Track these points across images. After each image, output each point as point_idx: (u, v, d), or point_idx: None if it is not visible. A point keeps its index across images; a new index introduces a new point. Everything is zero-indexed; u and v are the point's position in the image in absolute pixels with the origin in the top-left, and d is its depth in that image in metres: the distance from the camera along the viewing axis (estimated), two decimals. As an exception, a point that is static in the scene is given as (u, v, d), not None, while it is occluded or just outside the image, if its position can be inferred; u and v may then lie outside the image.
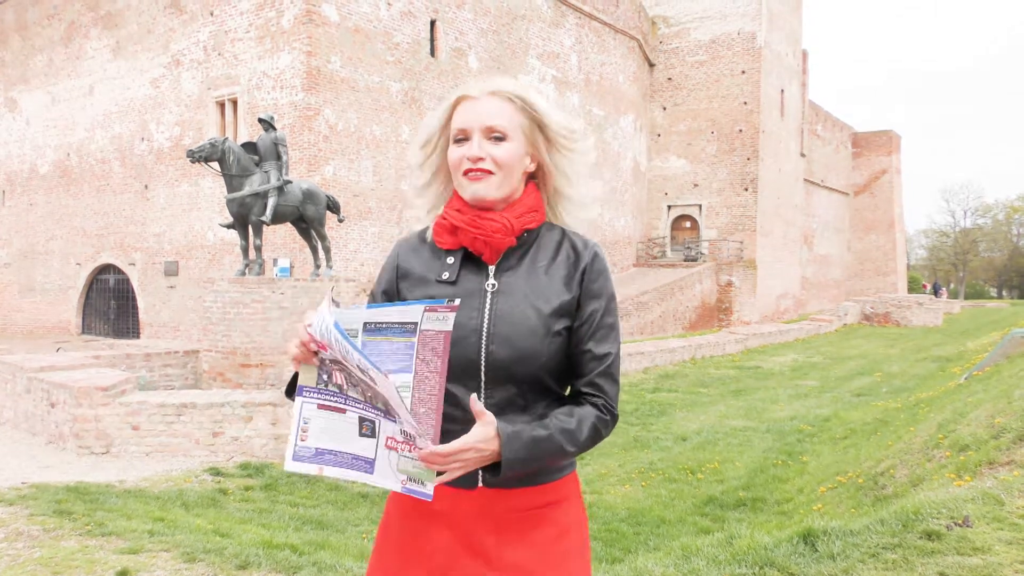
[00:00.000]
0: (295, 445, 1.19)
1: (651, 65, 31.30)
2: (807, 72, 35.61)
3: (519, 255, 1.40)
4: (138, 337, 19.24)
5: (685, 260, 29.49)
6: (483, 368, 1.33)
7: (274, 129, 11.29)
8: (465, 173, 1.37)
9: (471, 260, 1.40)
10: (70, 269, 21.89)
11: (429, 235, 1.45)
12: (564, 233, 1.45)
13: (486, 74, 21.27)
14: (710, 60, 30.25)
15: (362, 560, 3.96)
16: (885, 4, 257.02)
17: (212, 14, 17.84)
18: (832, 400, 12.99)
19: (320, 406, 1.18)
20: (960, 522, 3.33)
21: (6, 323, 23.73)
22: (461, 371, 1.32)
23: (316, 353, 1.18)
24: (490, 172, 1.36)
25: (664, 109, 31.34)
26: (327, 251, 11.87)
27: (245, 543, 4.13)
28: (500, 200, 1.38)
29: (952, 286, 67.73)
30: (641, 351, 16.10)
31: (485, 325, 1.34)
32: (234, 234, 13.94)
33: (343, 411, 1.18)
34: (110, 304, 21.17)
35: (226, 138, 11.15)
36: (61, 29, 21.66)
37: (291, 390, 1.27)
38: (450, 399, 1.28)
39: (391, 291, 1.45)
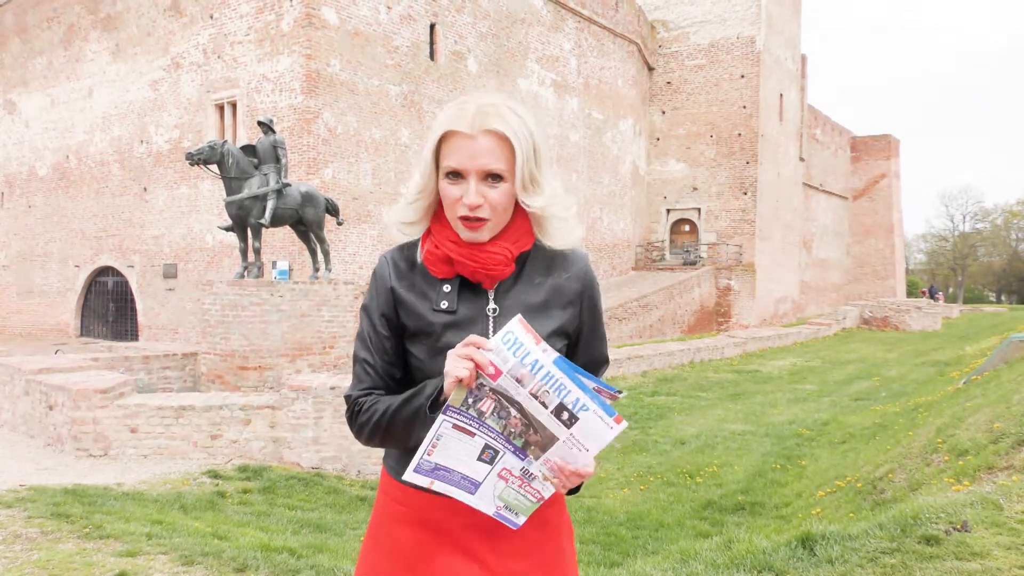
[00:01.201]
0: (421, 458, 1.25)
1: (650, 69, 31.36)
2: (806, 76, 35.69)
3: (515, 274, 1.40)
4: (136, 339, 19.23)
5: (684, 264, 29.53)
6: None
7: (273, 132, 11.29)
8: (461, 219, 1.33)
9: (467, 285, 1.39)
10: (69, 271, 21.87)
11: (418, 256, 1.41)
12: None
13: (477, 92, 21.31)
14: (709, 64, 30.31)
15: (360, 563, 3.94)
16: (885, 8, 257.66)
17: (212, 17, 17.86)
18: (831, 404, 12.98)
19: (455, 426, 1.24)
20: (959, 527, 3.33)
21: (5, 325, 23.72)
22: None
23: (478, 376, 1.22)
24: (487, 220, 1.33)
25: (663, 113, 31.39)
26: (326, 254, 11.88)
27: (243, 546, 4.13)
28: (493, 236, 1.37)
29: (951, 290, 67.78)
30: (640, 354, 16.09)
31: None
32: (233, 237, 13.94)
33: (472, 435, 1.24)
34: (109, 306, 21.15)
35: (225, 141, 11.16)
36: (61, 32, 21.67)
37: (433, 405, 1.27)
38: None
39: (391, 315, 1.41)
